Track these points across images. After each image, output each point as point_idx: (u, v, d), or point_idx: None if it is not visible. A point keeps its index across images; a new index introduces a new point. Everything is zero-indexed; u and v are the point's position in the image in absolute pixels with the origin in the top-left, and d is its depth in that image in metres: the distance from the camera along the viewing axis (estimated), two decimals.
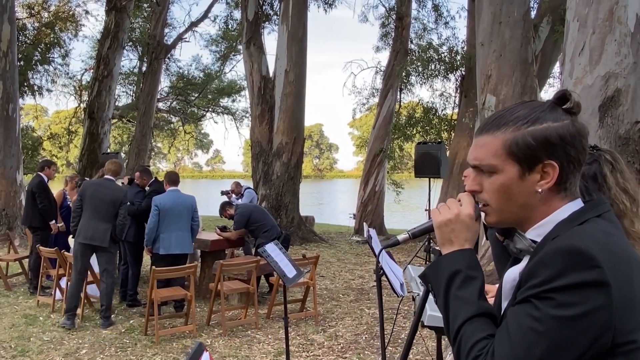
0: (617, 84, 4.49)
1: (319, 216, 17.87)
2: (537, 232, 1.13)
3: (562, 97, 1.13)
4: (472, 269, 1.15)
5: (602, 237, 1.02)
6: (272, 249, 4.17)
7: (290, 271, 4.11)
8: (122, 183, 6.96)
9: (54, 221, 7.32)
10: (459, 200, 1.22)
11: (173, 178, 6.46)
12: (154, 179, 7.03)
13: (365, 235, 3.74)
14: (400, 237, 1.37)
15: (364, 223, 5.35)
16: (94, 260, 6.73)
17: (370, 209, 13.74)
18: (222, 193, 10.08)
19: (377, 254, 1.54)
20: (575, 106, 1.12)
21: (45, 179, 7.34)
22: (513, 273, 1.16)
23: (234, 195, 9.92)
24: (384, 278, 3.10)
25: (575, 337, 0.95)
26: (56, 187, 8.42)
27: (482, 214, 1.19)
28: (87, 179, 7.62)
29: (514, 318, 1.01)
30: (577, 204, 1.12)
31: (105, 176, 6.02)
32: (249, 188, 10.36)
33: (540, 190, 1.10)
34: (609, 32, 4.52)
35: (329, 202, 35.71)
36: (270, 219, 7.26)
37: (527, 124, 1.10)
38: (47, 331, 5.67)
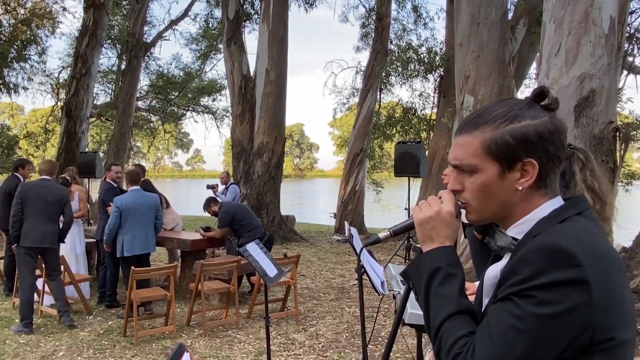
0: (592, 84, 4.58)
1: (300, 216, 17.86)
2: (518, 230, 1.13)
3: (540, 94, 1.13)
4: (453, 266, 1.15)
5: (583, 235, 1.03)
6: (253, 249, 4.17)
7: (271, 270, 4.10)
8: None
9: None
10: (440, 198, 1.22)
11: (134, 177, 6.36)
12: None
13: (346, 234, 3.75)
14: (381, 235, 1.37)
15: (345, 222, 5.34)
16: (72, 262, 6.68)
17: (350, 208, 13.79)
18: (208, 187, 10.04)
19: (358, 252, 1.53)
20: (553, 102, 1.13)
21: (21, 179, 7.18)
22: (494, 270, 1.17)
23: (219, 190, 9.89)
24: (365, 276, 3.13)
25: (556, 335, 0.96)
26: None
27: (463, 212, 1.20)
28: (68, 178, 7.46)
29: (495, 316, 1.02)
30: (557, 202, 1.13)
31: (42, 177, 5.93)
32: (233, 183, 10.35)
33: (520, 188, 1.10)
34: (584, 33, 4.61)
35: (310, 202, 35.71)
36: (254, 219, 7.25)
37: (506, 122, 1.10)
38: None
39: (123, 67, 18.68)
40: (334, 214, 14.26)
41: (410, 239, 9.35)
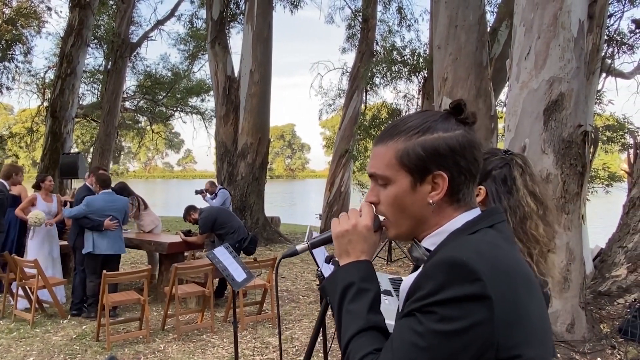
0: (561, 88, 4.60)
1: (289, 216, 17.84)
2: (431, 241, 1.12)
3: (457, 107, 1.11)
4: (366, 281, 1.13)
5: (487, 249, 1.00)
6: (221, 253, 4.15)
7: (239, 275, 4.09)
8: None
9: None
10: (360, 211, 1.20)
11: (104, 180, 6.39)
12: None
13: (305, 239, 3.73)
14: (298, 247, 1.34)
15: (309, 226, 5.34)
16: (49, 266, 6.63)
17: (336, 210, 13.79)
18: (197, 192, 9.98)
19: (277, 268, 1.52)
20: (470, 116, 1.11)
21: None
22: (407, 282, 1.14)
23: (208, 195, 9.83)
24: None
25: (457, 353, 0.93)
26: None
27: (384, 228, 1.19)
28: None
29: (398, 332, 1.00)
30: (472, 214, 1.11)
31: None
32: (223, 188, 10.27)
33: (431, 201, 1.08)
34: (554, 37, 4.63)
35: (300, 203, 35.70)
36: (236, 221, 7.19)
37: (418, 134, 1.08)
38: None
39: (109, 67, 18.56)
40: (320, 215, 14.25)
41: (393, 241, 9.35)
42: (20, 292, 6.20)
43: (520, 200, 1.65)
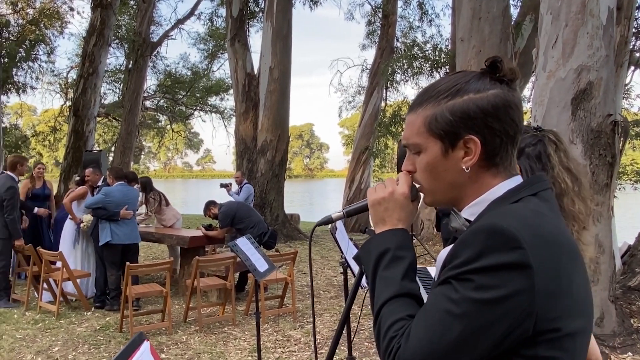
0: (590, 77, 4.50)
1: (308, 215, 17.81)
2: (471, 211, 1.07)
3: (492, 64, 1.04)
4: (402, 249, 1.10)
5: (530, 217, 0.96)
6: (244, 243, 4.14)
7: (261, 265, 4.07)
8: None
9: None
10: (397, 180, 1.17)
11: (119, 173, 6.58)
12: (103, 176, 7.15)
13: (329, 227, 3.71)
14: (334, 215, 1.31)
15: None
16: (78, 259, 6.73)
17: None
18: (222, 186, 10.03)
19: (310, 232, 1.49)
20: (507, 73, 1.04)
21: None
22: (445, 253, 1.11)
23: (232, 190, 9.86)
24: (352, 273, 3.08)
25: (493, 322, 0.90)
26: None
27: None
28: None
29: (432, 300, 0.97)
30: (513, 182, 1.06)
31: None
32: (247, 183, 10.31)
33: (465, 167, 1.03)
34: (582, 25, 4.52)
35: (319, 202, 35.69)
36: (256, 215, 7.21)
37: (448, 97, 1.03)
38: (21, 329, 5.60)
39: (130, 66, 18.77)
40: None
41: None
42: (45, 285, 6.28)
43: (557, 177, 1.61)
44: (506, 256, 0.89)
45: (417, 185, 1.14)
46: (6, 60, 16.52)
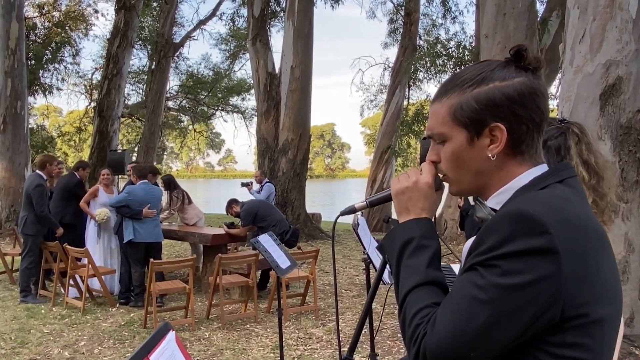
0: (619, 71, 4.40)
1: (330, 214, 17.76)
2: (497, 200, 1.07)
3: (517, 53, 1.04)
4: (426, 238, 1.09)
5: (557, 202, 0.95)
6: (266, 240, 4.14)
7: (283, 262, 4.07)
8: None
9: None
10: (421, 170, 1.17)
11: (143, 172, 6.64)
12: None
13: (351, 223, 3.68)
14: (357, 205, 1.33)
15: (357, 213, 5.27)
16: (107, 256, 6.86)
17: (377, 206, 13.68)
18: (243, 185, 10.08)
19: (334, 223, 1.49)
20: (532, 62, 1.04)
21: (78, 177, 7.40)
22: (470, 243, 1.10)
23: (253, 188, 9.91)
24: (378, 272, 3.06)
25: (520, 308, 0.89)
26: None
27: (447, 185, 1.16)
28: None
29: (458, 286, 0.96)
30: (539, 170, 1.05)
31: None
32: (269, 182, 10.35)
33: (491, 155, 1.03)
34: (610, 18, 4.43)
35: (340, 202, 35.61)
36: (277, 214, 7.23)
37: (473, 86, 1.04)
38: (48, 324, 5.70)
39: (153, 67, 19.01)
40: (361, 212, 14.15)
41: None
42: (71, 281, 6.38)
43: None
44: (533, 241, 0.89)
45: (442, 175, 1.14)
46: (33, 62, 16.88)
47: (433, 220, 1.23)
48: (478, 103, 1.02)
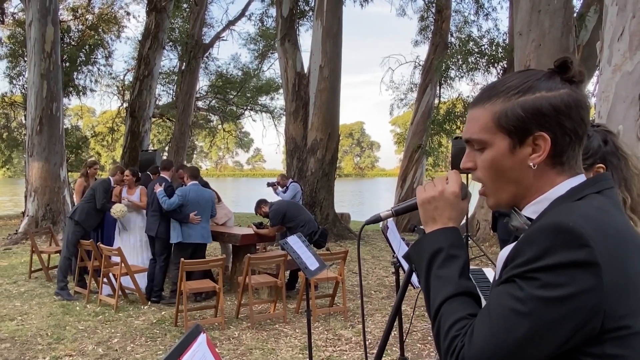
0: None
1: (358, 214, 17.71)
2: (533, 209, 1.06)
3: (563, 65, 1.04)
4: (455, 248, 1.10)
5: (596, 214, 0.95)
6: (295, 242, 4.14)
7: (312, 264, 4.06)
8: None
9: None
10: (447, 179, 1.18)
11: (194, 173, 6.78)
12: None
13: (381, 226, 3.64)
14: (382, 214, 1.33)
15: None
16: (138, 254, 6.99)
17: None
18: (268, 185, 10.13)
19: (360, 233, 1.49)
20: (576, 75, 1.04)
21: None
22: (506, 252, 1.09)
23: (279, 188, 9.94)
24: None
25: (561, 320, 0.89)
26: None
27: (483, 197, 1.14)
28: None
29: (496, 298, 0.96)
30: (577, 180, 1.05)
31: None
32: (294, 182, 10.37)
33: (532, 164, 1.03)
34: None
35: (370, 201, 35.46)
36: (306, 214, 7.22)
37: (519, 94, 1.03)
38: (82, 320, 5.82)
39: (183, 68, 19.26)
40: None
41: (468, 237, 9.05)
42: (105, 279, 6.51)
43: None
44: (573, 254, 0.89)
45: (480, 188, 1.13)
46: (67, 64, 17.28)
47: (465, 221, 1.22)
48: (525, 111, 1.02)
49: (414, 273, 1.24)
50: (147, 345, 5.10)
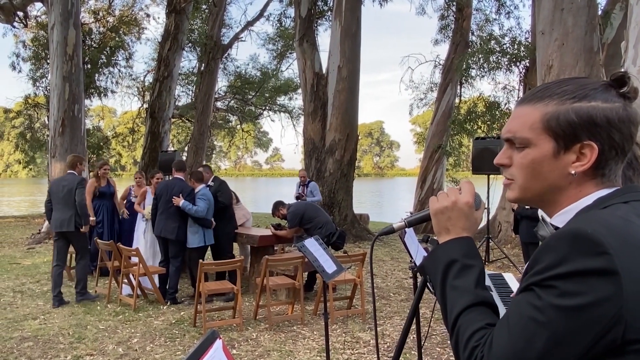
0: None
1: (378, 215, 17.63)
2: (561, 219, 1.04)
3: (620, 79, 1.03)
4: (470, 258, 1.09)
5: (617, 222, 0.92)
6: (312, 244, 4.10)
7: (329, 267, 4.02)
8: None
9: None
10: (460, 189, 1.17)
11: (199, 177, 6.86)
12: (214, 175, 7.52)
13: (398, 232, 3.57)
14: (395, 225, 1.32)
15: (402, 218, 5.13)
16: (151, 256, 7.03)
17: (427, 208, 13.44)
18: (297, 198, 9.97)
19: (372, 246, 1.48)
20: (632, 91, 1.03)
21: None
22: None
23: (306, 197, 9.89)
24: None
25: (580, 330, 0.87)
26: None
27: (507, 189, 1.12)
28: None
29: (515, 307, 0.94)
30: (607, 191, 1.03)
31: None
32: (311, 181, 10.37)
33: (574, 172, 1.01)
34: None
35: (389, 201, 35.26)
36: (324, 215, 7.19)
37: (575, 99, 1.02)
38: (103, 320, 5.87)
39: (202, 69, 19.37)
40: (411, 213, 13.91)
41: (490, 240, 8.93)
42: (124, 279, 6.56)
43: None
44: (591, 262, 0.87)
45: (508, 180, 1.10)
46: (89, 66, 17.51)
47: (486, 223, 1.19)
48: (578, 117, 1.01)
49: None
50: (166, 345, 5.12)
